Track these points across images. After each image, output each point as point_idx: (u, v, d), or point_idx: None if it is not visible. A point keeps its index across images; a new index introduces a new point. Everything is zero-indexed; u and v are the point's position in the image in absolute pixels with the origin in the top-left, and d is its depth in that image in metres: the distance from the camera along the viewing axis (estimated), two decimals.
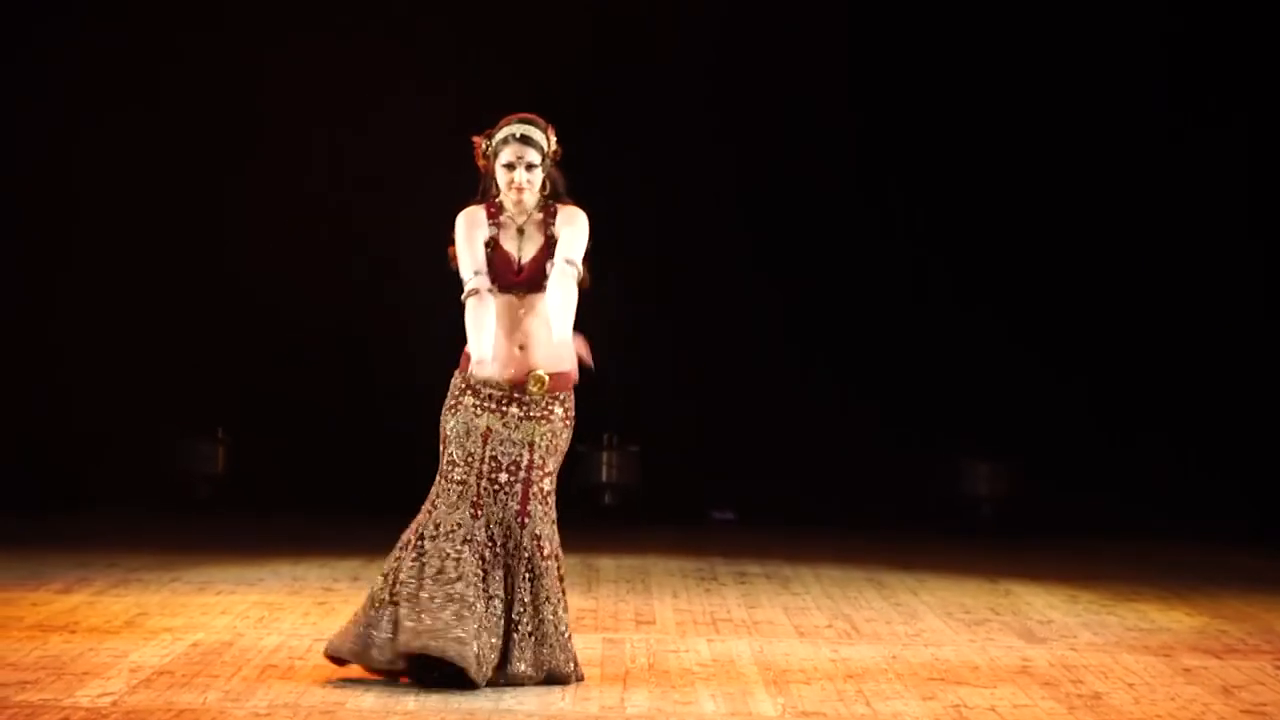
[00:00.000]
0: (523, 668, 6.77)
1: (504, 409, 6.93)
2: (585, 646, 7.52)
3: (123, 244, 12.92)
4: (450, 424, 6.96)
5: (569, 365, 6.96)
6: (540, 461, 6.91)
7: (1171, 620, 8.65)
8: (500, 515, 6.87)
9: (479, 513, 6.88)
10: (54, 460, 12.86)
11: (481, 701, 6.43)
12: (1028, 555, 11.21)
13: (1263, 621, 8.66)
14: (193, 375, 12.97)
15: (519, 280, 6.95)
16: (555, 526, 6.95)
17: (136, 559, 10.01)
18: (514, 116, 7.03)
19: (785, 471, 12.66)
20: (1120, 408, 13.11)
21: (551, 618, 6.85)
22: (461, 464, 6.90)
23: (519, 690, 6.62)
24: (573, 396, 7.02)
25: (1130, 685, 6.96)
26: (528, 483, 6.89)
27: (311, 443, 12.97)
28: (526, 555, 6.85)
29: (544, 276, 6.92)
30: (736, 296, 13.29)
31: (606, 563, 10.42)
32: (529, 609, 6.82)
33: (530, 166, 6.97)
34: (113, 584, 9.07)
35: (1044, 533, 12.30)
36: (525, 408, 6.93)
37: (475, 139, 7.05)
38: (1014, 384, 13.03)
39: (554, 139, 7.06)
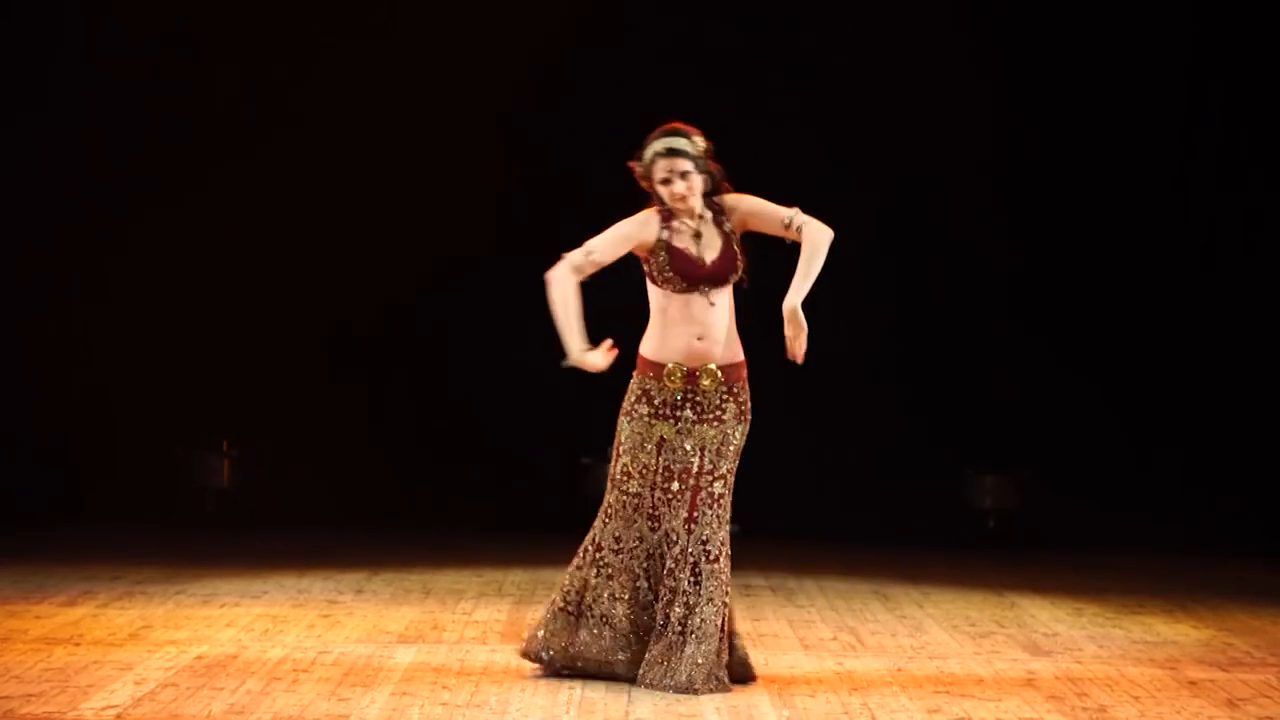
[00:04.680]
0: (682, 671, 6.89)
1: (678, 414, 7.11)
2: None
3: (129, 257, 12.91)
4: (625, 432, 7.17)
5: (741, 356, 7.19)
6: (710, 466, 7.10)
7: (1177, 633, 8.64)
8: (671, 523, 7.04)
9: (657, 525, 7.09)
10: (59, 472, 12.85)
11: (487, 715, 6.42)
12: (1033, 568, 11.19)
13: (1269, 634, 8.65)
14: (199, 388, 12.96)
15: (704, 273, 7.11)
16: (726, 529, 7.12)
17: (141, 572, 10.01)
18: (655, 132, 7.14)
19: (790, 484, 12.62)
20: (1127, 421, 13.07)
21: (714, 619, 6.98)
22: (637, 476, 7.12)
23: (525, 703, 6.61)
24: (747, 389, 7.20)
25: (1135, 698, 6.95)
26: (696, 489, 7.07)
27: (316, 456, 12.96)
28: (692, 560, 7.01)
29: (732, 271, 7.11)
30: (741, 308, 13.22)
31: None
32: (692, 611, 6.97)
33: (685, 175, 7.09)
34: (117, 596, 9.07)
35: (1049, 545, 12.27)
36: (698, 410, 7.10)
37: (631, 165, 7.16)
38: (1020, 396, 13.00)
39: (700, 139, 7.15)
